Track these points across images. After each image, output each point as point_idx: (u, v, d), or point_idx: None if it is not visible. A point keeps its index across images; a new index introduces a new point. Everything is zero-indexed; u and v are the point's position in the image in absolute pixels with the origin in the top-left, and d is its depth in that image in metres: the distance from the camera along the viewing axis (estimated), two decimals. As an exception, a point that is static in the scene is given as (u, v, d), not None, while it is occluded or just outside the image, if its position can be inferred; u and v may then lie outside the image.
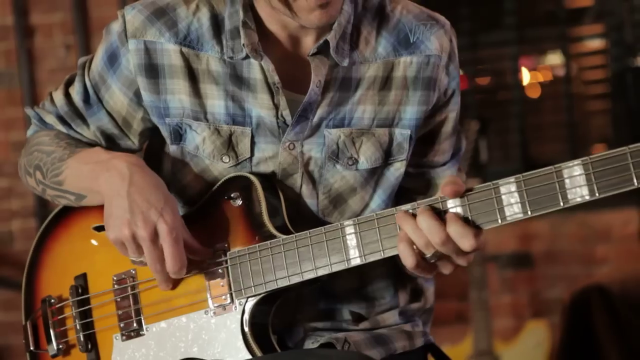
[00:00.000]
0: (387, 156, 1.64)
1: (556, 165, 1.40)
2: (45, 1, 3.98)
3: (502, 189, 1.42)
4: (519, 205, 1.41)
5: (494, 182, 1.44)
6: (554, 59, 4.08)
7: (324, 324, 1.67)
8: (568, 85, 4.07)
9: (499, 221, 1.43)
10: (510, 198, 1.42)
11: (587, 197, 1.39)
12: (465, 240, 1.43)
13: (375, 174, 1.65)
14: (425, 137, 1.68)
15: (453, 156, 1.73)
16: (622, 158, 1.36)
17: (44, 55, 4.02)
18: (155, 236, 1.54)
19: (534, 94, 4.15)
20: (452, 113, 1.68)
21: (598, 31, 4.01)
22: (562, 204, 1.39)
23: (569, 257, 3.94)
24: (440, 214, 1.45)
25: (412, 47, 1.63)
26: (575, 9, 3.90)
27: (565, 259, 3.95)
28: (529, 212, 1.42)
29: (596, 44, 4.08)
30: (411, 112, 1.64)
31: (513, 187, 1.41)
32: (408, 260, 1.47)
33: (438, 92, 1.65)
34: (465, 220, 1.43)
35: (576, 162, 1.39)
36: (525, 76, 4.07)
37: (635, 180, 1.36)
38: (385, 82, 1.63)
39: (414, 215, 1.46)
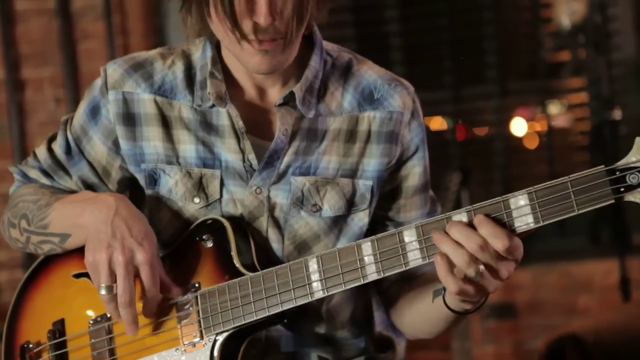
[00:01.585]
0: (351, 205, 1.71)
1: (504, 196, 1.47)
2: (36, 56, 4.06)
3: (455, 217, 1.49)
4: None
5: (448, 213, 1.50)
6: (537, 111, 4.16)
7: None
8: (550, 138, 4.15)
9: None
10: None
11: (532, 225, 1.46)
12: (498, 241, 1.45)
13: (339, 223, 1.71)
14: (393, 193, 1.75)
15: (428, 214, 1.77)
16: (564, 187, 1.44)
17: (34, 108, 4.09)
18: (130, 263, 1.60)
19: (531, 144, 4.22)
20: (416, 168, 1.75)
21: (579, 85, 4.10)
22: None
23: (551, 308, 3.97)
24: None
25: (376, 103, 1.71)
26: (555, 63, 3.99)
27: (547, 309, 3.97)
28: None
29: (577, 97, 4.17)
30: (374, 164, 1.71)
31: (465, 218, 1.48)
32: (452, 287, 1.48)
33: (401, 147, 1.72)
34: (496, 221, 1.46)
35: (522, 192, 1.46)
36: (522, 127, 4.15)
37: (575, 208, 1.43)
38: (350, 135, 1.71)
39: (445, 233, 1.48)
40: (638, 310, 3.26)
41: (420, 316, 1.70)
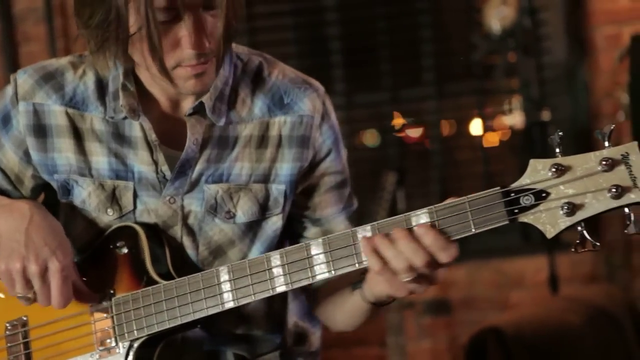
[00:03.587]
0: (264, 210, 1.74)
1: (406, 214, 1.50)
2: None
3: (360, 232, 1.52)
4: None
5: (354, 229, 1.54)
6: (474, 113, 4.25)
7: None
8: (485, 139, 4.24)
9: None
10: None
11: None
12: (444, 254, 1.47)
13: (253, 228, 1.74)
14: (308, 192, 1.78)
15: (343, 210, 1.81)
16: (462, 207, 1.47)
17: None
18: (45, 272, 1.63)
19: (468, 145, 4.30)
20: (331, 169, 1.77)
21: (512, 87, 4.19)
22: None
23: (484, 303, 4.06)
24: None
25: (286, 107, 1.73)
26: (488, 66, 4.08)
27: (481, 305, 4.06)
28: None
29: (510, 99, 4.26)
30: (286, 168, 1.73)
31: (369, 234, 1.52)
32: (379, 289, 1.54)
33: (313, 150, 1.75)
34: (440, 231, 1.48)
35: (423, 210, 1.49)
36: (454, 128, 4.23)
37: (472, 227, 1.47)
38: (262, 141, 1.73)
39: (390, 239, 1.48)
40: (560, 304, 3.37)
41: (339, 308, 1.74)
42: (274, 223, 1.75)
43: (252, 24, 4.18)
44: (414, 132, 4.33)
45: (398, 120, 4.28)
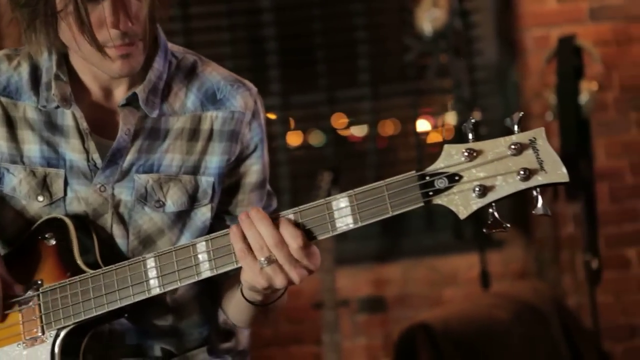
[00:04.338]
0: (193, 201, 1.77)
1: (326, 198, 1.55)
2: None
3: (283, 213, 1.57)
4: None
5: (275, 214, 1.58)
6: (410, 113, 4.31)
7: None
8: (419, 137, 4.32)
9: None
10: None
11: (352, 225, 1.53)
12: (293, 240, 1.53)
13: (182, 218, 1.78)
14: (231, 188, 1.82)
15: (264, 209, 1.86)
16: (380, 191, 1.51)
17: None
18: None
19: (402, 144, 4.37)
20: (255, 166, 1.82)
21: (445, 88, 4.27)
22: (331, 232, 1.54)
23: (419, 301, 4.12)
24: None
25: (219, 103, 1.78)
26: (422, 67, 4.15)
27: (415, 302, 4.12)
28: None
29: (443, 100, 4.35)
30: (215, 161, 1.78)
31: (291, 217, 1.56)
32: (246, 274, 1.58)
33: (241, 145, 1.79)
34: (297, 224, 1.55)
35: (343, 194, 1.53)
36: (391, 128, 4.29)
37: (390, 210, 1.51)
38: (193, 134, 1.77)
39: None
40: (488, 300, 3.44)
41: (230, 303, 1.79)
42: (203, 214, 1.79)
43: (188, 24, 4.20)
44: (359, 131, 4.38)
45: (339, 120, 4.33)
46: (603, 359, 3.51)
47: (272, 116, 4.17)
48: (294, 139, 4.36)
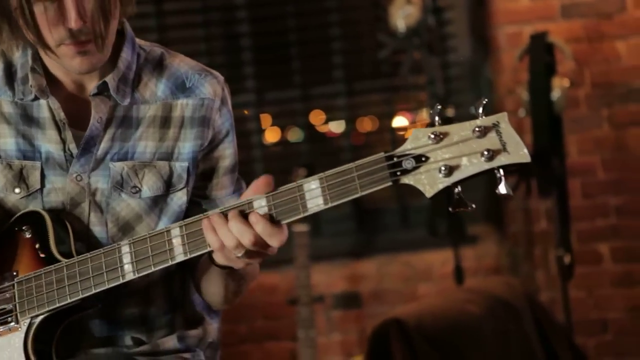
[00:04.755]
0: (169, 186, 1.82)
1: (298, 182, 1.59)
2: None
3: (255, 204, 1.60)
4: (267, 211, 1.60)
5: (250, 198, 1.61)
6: (384, 109, 4.34)
7: (106, 350, 1.81)
8: (395, 134, 4.34)
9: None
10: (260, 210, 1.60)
11: (322, 206, 1.58)
12: (274, 239, 1.59)
13: (159, 203, 1.82)
14: (206, 173, 1.87)
15: (234, 192, 1.91)
16: (349, 172, 1.56)
17: None
18: None
19: (377, 142, 4.39)
20: (227, 151, 1.88)
21: (420, 84, 4.30)
22: (302, 212, 1.58)
23: (394, 296, 4.14)
24: (247, 217, 1.60)
25: (188, 91, 1.83)
26: (396, 64, 4.16)
27: (390, 298, 4.15)
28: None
29: (419, 96, 4.38)
30: (189, 146, 1.83)
31: (263, 202, 1.60)
32: (221, 259, 1.65)
33: (212, 130, 1.84)
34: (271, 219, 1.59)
35: (314, 177, 1.58)
36: (369, 125, 4.32)
37: (359, 190, 1.56)
38: (165, 121, 1.82)
39: (226, 219, 1.60)
40: (461, 295, 3.46)
41: (202, 277, 1.82)
42: (179, 198, 1.83)
43: (162, 21, 4.20)
44: (337, 127, 4.40)
45: (317, 117, 4.35)
46: (575, 353, 3.53)
47: (245, 112, 4.19)
48: (271, 135, 4.38)
